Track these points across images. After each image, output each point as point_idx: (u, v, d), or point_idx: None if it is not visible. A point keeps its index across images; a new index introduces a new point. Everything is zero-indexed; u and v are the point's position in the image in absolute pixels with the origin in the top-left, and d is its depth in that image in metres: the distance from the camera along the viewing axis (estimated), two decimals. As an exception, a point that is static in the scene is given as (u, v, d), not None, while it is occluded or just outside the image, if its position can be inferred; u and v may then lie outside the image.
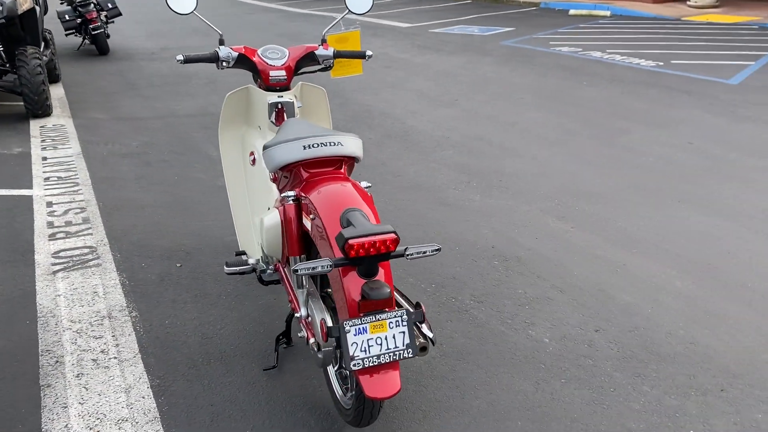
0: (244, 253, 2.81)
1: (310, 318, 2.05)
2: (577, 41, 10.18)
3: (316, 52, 2.71)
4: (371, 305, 1.73)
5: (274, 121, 2.67)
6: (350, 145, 2.11)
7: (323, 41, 2.78)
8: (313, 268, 1.69)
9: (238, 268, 2.64)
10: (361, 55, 2.75)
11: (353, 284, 1.74)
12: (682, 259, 3.29)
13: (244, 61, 2.66)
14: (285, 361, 2.54)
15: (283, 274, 2.39)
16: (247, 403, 2.31)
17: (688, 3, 14.64)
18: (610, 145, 5.12)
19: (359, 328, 1.71)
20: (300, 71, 2.76)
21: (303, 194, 2.01)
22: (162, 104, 6.70)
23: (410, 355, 1.75)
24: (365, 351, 1.72)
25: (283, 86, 2.67)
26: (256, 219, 2.83)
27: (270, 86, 2.67)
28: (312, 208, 1.91)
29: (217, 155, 5.00)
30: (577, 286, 3.05)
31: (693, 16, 13.16)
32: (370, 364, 1.72)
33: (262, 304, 2.95)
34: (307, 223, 1.97)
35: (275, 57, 2.67)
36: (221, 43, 2.73)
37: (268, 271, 2.54)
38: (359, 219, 1.77)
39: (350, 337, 1.71)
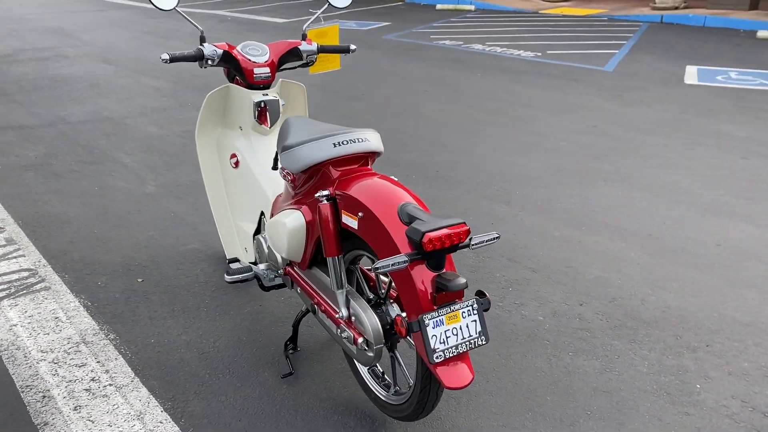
0: (236, 259, 2.70)
1: (353, 318, 2.02)
2: (457, 35, 10.59)
3: (300, 47, 2.64)
4: (447, 297, 1.74)
5: (258, 120, 2.58)
6: (375, 140, 2.10)
7: (304, 36, 2.72)
8: (392, 265, 1.68)
9: (240, 276, 2.53)
10: (345, 49, 2.72)
11: (425, 278, 1.74)
12: (627, 233, 3.57)
13: (228, 59, 2.54)
14: (297, 365, 2.47)
15: (297, 276, 2.33)
16: (276, 413, 2.23)
17: (542, -3, 15.64)
18: (522, 132, 5.41)
19: (437, 321, 1.72)
20: (282, 68, 2.68)
21: (339, 192, 1.97)
22: (45, 110, 6.15)
23: (483, 343, 1.78)
24: (444, 342, 1.73)
25: (267, 84, 2.59)
26: (244, 224, 2.71)
27: (253, 84, 2.57)
28: (358, 205, 1.88)
29: (132, 162, 4.72)
30: (547, 266, 3.22)
31: (548, 9, 14.12)
32: (450, 355, 1.73)
33: (249, 312, 2.84)
34: (350, 221, 1.93)
35: (256, 54, 2.57)
36: (203, 40, 2.59)
37: (273, 276, 2.46)
38: (421, 213, 1.77)
39: (430, 330, 1.71)
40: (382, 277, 2.09)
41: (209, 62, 2.52)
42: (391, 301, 2.05)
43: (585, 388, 2.34)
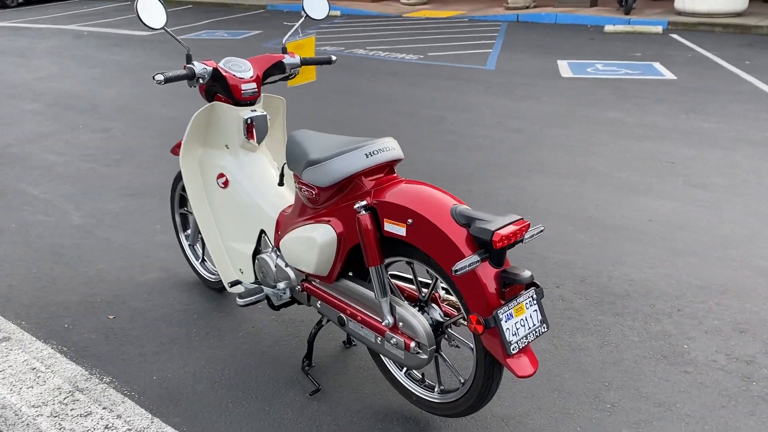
0: (238, 282, 2.61)
1: (401, 323, 2.05)
2: (335, 40, 10.68)
3: (284, 60, 2.61)
4: (513, 291, 1.83)
5: (247, 137, 2.52)
6: (398, 147, 2.14)
7: (284, 50, 2.69)
8: (470, 265, 1.74)
9: (253, 298, 2.46)
10: (327, 61, 2.72)
11: (490, 275, 1.82)
12: (570, 217, 3.86)
13: (216, 77, 2.47)
14: (319, 380, 2.45)
15: (319, 290, 2.31)
16: (318, 430, 2.20)
17: (401, 1, 16.16)
18: (438, 132, 5.62)
19: (508, 314, 1.81)
20: (265, 82, 2.63)
21: (379, 201, 2.00)
22: None
23: (545, 330, 1.90)
24: (516, 334, 1.82)
25: (253, 99, 2.54)
26: (238, 245, 2.63)
27: (240, 100, 2.51)
28: (407, 212, 1.92)
29: (42, 194, 4.36)
30: (512, 253, 3.41)
31: (411, 12, 14.62)
32: (522, 345, 1.82)
33: (244, 335, 2.76)
34: (395, 228, 1.96)
35: (240, 69, 2.52)
36: (189, 59, 2.48)
37: (285, 294, 2.42)
38: (477, 213, 1.85)
39: (504, 324, 1.79)
40: (421, 281, 2.14)
41: (200, 80, 2.44)
42: (433, 304, 2.10)
43: (593, 362, 2.53)
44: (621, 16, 12.13)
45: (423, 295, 2.12)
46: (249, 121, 2.50)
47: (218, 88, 2.52)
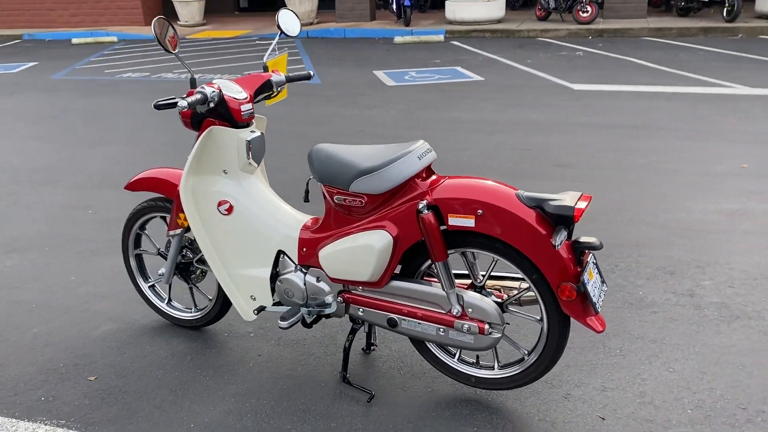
0: (263, 307, 2.52)
1: (470, 310, 2.20)
2: (131, 66, 10.09)
3: (272, 79, 2.58)
4: (585, 257, 2.09)
5: (250, 159, 2.47)
6: (431, 148, 2.29)
7: (265, 68, 2.64)
8: (564, 238, 1.97)
9: (294, 319, 2.41)
10: (307, 77, 2.72)
11: (565, 246, 2.06)
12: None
13: (221, 101, 2.37)
14: (368, 383, 2.48)
15: (363, 298, 2.35)
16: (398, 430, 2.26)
17: (178, 23, 15.68)
18: (308, 145, 5.71)
19: (587, 280, 2.06)
20: (254, 102, 2.57)
21: (439, 198, 2.13)
22: None
23: (606, 289, 2.18)
24: (596, 296, 2.08)
25: (250, 120, 2.49)
26: (250, 271, 2.54)
27: (240, 122, 2.45)
28: (476, 204, 2.07)
29: None
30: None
31: (194, 34, 14.27)
32: (601, 304, 2.09)
33: (257, 366, 2.66)
34: (463, 221, 2.10)
35: (233, 91, 2.45)
36: (193, 83, 2.35)
37: (319, 310, 2.42)
38: (543, 195, 2.08)
39: (589, 288, 2.04)
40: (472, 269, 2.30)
41: (210, 104, 2.32)
42: (493, 290, 2.29)
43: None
44: (402, 27, 13.11)
45: (479, 281, 2.28)
46: (248, 143, 2.44)
47: (215, 112, 2.42)
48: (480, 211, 2.08)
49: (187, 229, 2.67)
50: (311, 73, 2.72)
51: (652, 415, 2.27)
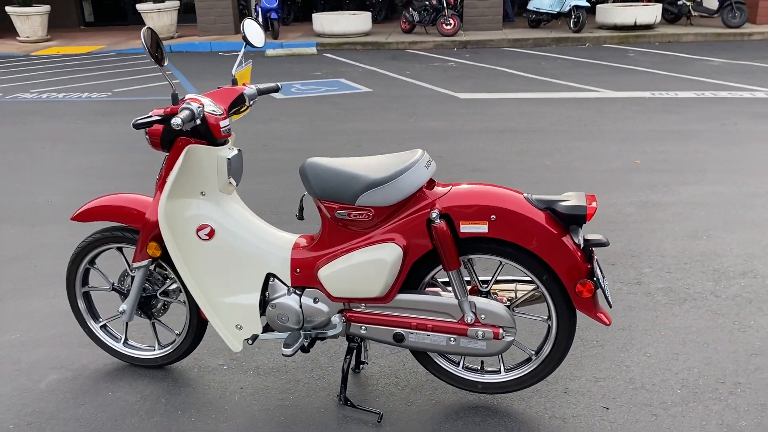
0: (256, 336, 2.35)
1: (482, 316, 2.20)
2: (-19, 86, 9.09)
3: (245, 92, 2.42)
4: (591, 254, 2.16)
5: (230, 179, 2.32)
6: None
7: (234, 82, 2.48)
8: (597, 238, 2.05)
9: (297, 345, 2.27)
10: (276, 89, 2.58)
11: (574, 246, 2.12)
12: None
13: (202, 118, 2.20)
14: (368, 404, 2.40)
15: (367, 315, 2.27)
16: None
17: (18, 39, 14.39)
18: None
19: (600, 275, 2.14)
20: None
21: (450, 206, 2.11)
22: None
23: (607, 282, 2.27)
24: (607, 291, 2.16)
25: (228, 137, 2.33)
26: (235, 298, 2.36)
27: (219, 139, 2.29)
28: (489, 210, 2.08)
29: None
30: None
31: (40, 50, 13.15)
32: (610, 295, 2.18)
33: (242, 398, 2.49)
34: (476, 228, 2.10)
35: (209, 105, 2.28)
36: (175, 99, 2.14)
37: (332, 330, 2.31)
38: (551, 196, 2.13)
39: (603, 284, 2.12)
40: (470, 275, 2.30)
41: (197, 120, 2.13)
42: (494, 294, 2.30)
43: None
44: (270, 40, 12.92)
45: (484, 287, 2.29)
46: (229, 161, 2.29)
47: (192, 129, 2.23)
48: (493, 216, 2.09)
49: (154, 260, 2.44)
50: (279, 85, 2.59)
51: (647, 399, 2.40)
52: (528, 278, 2.32)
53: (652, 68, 9.20)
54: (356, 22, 12.99)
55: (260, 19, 13.37)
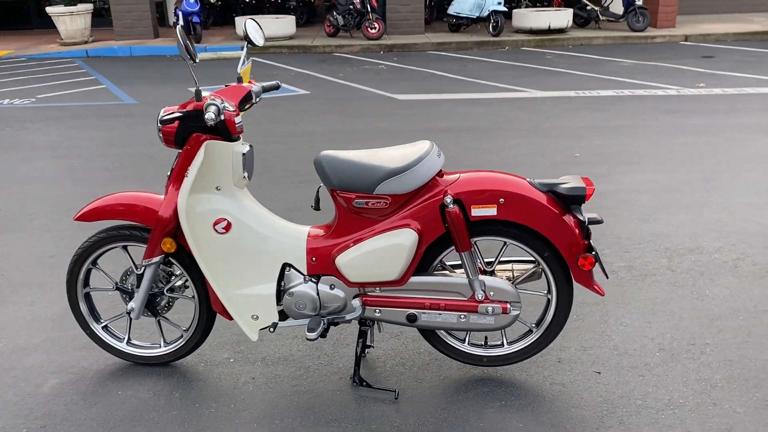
0: (276, 324, 2.43)
1: (492, 293, 2.38)
2: None
3: (252, 90, 2.49)
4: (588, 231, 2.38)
5: (245, 173, 2.39)
6: None
7: (239, 79, 2.54)
8: (594, 217, 2.26)
9: (320, 329, 2.37)
10: (276, 86, 2.66)
11: (575, 222, 2.33)
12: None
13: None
14: (381, 384, 2.53)
15: (382, 298, 2.40)
16: (437, 422, 2.35)
17: None
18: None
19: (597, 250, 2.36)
20: (236, 114, 2.47)
21: (462, 192, 2.28)
22: None
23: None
24: (604, 264, 2.38)
25: (241, 133, 2.40)
26: (251, 290, 2.43)
27: (234, 135, 2.36)
28: (498, 194, 2.26)
29: None
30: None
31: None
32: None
33: (255, 388, 2.55)
34: (486, 211, 2.27)
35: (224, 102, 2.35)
36: (199, 95, 2.19)
37: (350, 314, 2.42)
38: (551, 180, 2.33)
39: (600, 256, 2.34)
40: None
41: (221, 116, 2.20)
42: (495, 273, 2.49)
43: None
44: (195, 44, 12.69)
45: (489, 266, 2.47)
46: (244, 156, 2.37)
47: (208, 126, 2.29)
48: (502, 199, 2.28)
49: (166, 257, 2.47)
50: (279, 83, 2.68)
51: (632, 362, 2.65)
52: (526, 258, 2.52)
53: (571, 69, 9.76)
54: (281, 25, 12.99)
55: (181, 23, 13.12)
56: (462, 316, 2.38)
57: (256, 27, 2.61)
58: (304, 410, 2.40)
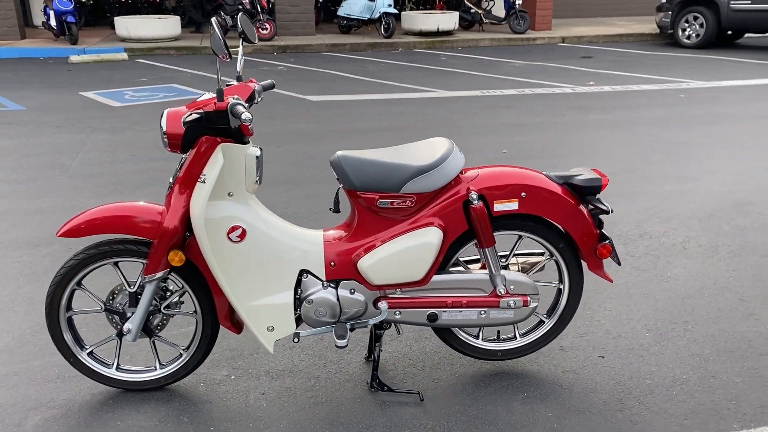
0: (297, 334, 2.30)
1: (512, 287, 2.40)
2: None
3: (256, 89, 2.34)
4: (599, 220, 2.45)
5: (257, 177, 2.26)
6: None
7: (239, 78, 2.37)
8: (607, 205, 2.32)
9: (349, 335, 2.27)
10: (272, 86, 2.51)
11: (586, 213, 2.40)
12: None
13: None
14: (399, 384, 2.47)
15: (402, 299, 2.35)
16: (468, 420, 2.34)
17: None
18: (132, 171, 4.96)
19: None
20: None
21: (485, 187, 2.28)
22: None
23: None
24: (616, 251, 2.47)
25: (251, 135, 2.26)
26: (268, 299, 2.29)
27: (247, 137, 2.21)
28: (520, 188, 2.28)
29: None
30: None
31: None
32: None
33: (270, 403, 2.40)
34: (508, 206, 2.28)
35: (232, 102, 2.20)
36: (221, 95, 2.01)
37: (373, 318, 2.34)
38: (565, 172, 2.38)
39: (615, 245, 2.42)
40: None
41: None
42: (515, 267, 2.51)
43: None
44: (65, 46, 11.84)
45: (503, 261, 2.49)
46: (257, 159, 2.24)
47: (218, 128, 2.13)
48: (524, 194, 2.30)
49: (170, 271, 2.27)
50: (273, 82, 2.54)
51: (628, 344, 2.77)
52: (534, 251, 2.56)
53: (469, 70, 10.08)
54: (166, 26, 12.39)
55: (52, 22, 12.16)
56: (482, 312, 2.38)
57: (248, 22, 2.46)
58: (329, 421, 2.30)
